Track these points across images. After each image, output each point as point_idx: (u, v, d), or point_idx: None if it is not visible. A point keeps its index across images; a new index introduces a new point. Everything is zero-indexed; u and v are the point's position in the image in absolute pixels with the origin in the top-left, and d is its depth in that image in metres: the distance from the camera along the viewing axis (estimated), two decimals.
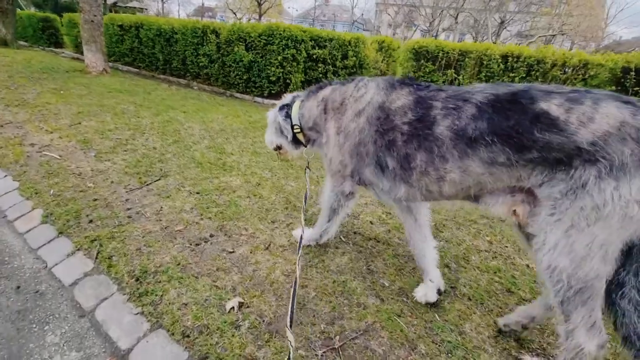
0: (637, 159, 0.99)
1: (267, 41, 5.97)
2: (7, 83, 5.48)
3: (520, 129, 1.12)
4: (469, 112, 1.22)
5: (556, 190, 1.12)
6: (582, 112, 1.06)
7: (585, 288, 1.10)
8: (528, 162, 1.15)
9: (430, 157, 1.31)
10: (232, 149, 3.45)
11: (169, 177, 2.75)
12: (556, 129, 1.08)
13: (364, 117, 1.52)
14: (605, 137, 1.03)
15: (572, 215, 1.07)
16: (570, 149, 1.07)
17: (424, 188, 1.40)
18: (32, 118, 3.93)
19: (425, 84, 1.48)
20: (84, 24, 6.67)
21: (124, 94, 5.57)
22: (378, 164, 1.52)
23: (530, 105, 1.12)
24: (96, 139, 3.44)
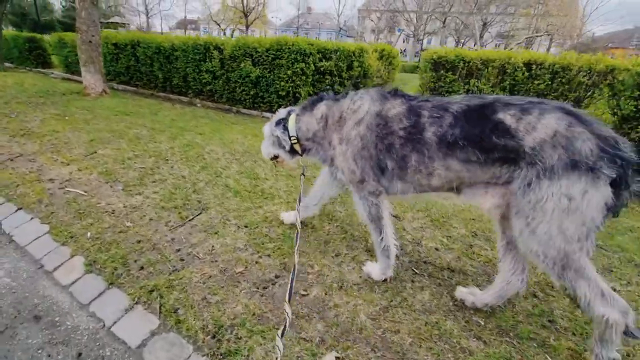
0: (563, 163, 1.22)
1: (276, 56, 5.86)
2: (5, 110, 5.21)
3: (484, 135, 1.36)
4: (448, 120, 1.47)
5: (515, 187, 1.35)
6: (529, 122, 1.29)
7: (566, 264, 1.28)
8: (494, 161, 1.38)
9: (422, 158, 1.55)
10: (265, 173, 3.30)
11: (209, 209, 2.58)
12: (509, 135, 1.31)
13: (364, 124, 1.71)
14: (542, 144, 1.26)
15: (525, 208, 1.31)
16: (520, 152, 1.30)
17: (417, 183, 1.65)
18: (43, 149, 3.70)
19: (413, 94, 1.73)
20: (82, 44, 6.44)
21: (131, 116, 5.36)
22: (379, 166, 1.72)
23: (491, 115, 1.37)
24: (118, 169, 3.24)
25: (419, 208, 2.79)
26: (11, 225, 2.43)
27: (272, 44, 5.87)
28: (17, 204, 2.62)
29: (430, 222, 2.59)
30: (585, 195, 1.20)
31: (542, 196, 1.25)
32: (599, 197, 1.21)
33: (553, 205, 1.24)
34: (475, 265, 2.08)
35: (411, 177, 1.64)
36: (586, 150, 1.21)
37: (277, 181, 3.14)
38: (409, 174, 1.63)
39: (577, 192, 1.21)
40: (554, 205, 1.24)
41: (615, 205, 1.24)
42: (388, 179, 1.72)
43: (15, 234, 2.34)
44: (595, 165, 1.20)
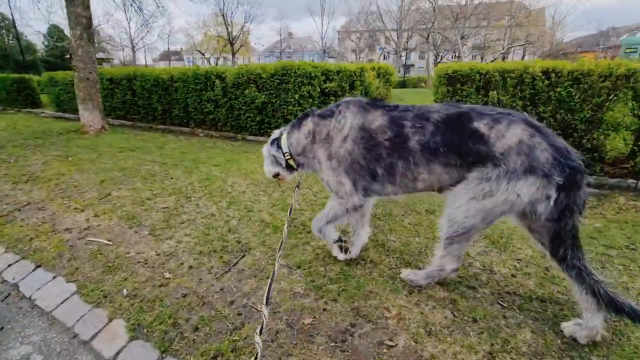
0: (523, 167, 1.42)
1: (282, 80, 5.78)
2: (2, 156, 4.93)
3: (462, 141, 1.53)
4: (430, 129, 1.63)
5: (472, 176, 1.55)
6: (499, 130, 1.48)
7: (465, 234, 1.62)
8: (468, 164, 1.56)
9: (408, 164, 1.71)
10: (299, 204, 3.10)
11: (252, 250, 2.36)
12: (482, 141, 1.49)
13: (350, 140, 1.84)
14: (509, 150, 1.45)
15: (475, 192, 1.53)
16: (490, 155, 1.49)
17: (405, 185, 1.81)
18: (52, 195, 3.44)
19: (393, 104, 1.84)
20: (79, 82, 6.27)
21: (137, 152, 5.14)
22: (370, 174, 1.85)
23: (468, 124, 1.53)
24: (139, 212, 3.00)
25: None
26: (31, 286, 2.15)
27: (277, 69, 5.80)
28: (34, 261, 2.35)
29: (491, 244, 2.41)
30: (532, 195, 1.44)
31: (497, 188, 1.47)
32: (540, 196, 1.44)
33: (501, 195, 1.47)
34: (563, 292, 1.89)
35: (400, 181, 1.80)
36: (543, 158, 1.41)
37: (314, 211, 2.94)
38: (398, 179, 1.79)
39: (526, 192, 1.44)
40: (502, 196, 1.47)
41: (574, 204, 1.46)
42: (380, 183, 1.87)
43: (38, 297, 2.06)
44: (549, 172, 1.40)
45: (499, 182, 1.46)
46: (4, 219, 2.96)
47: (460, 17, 26.05)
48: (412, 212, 2.93)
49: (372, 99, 1.92)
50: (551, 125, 3.96)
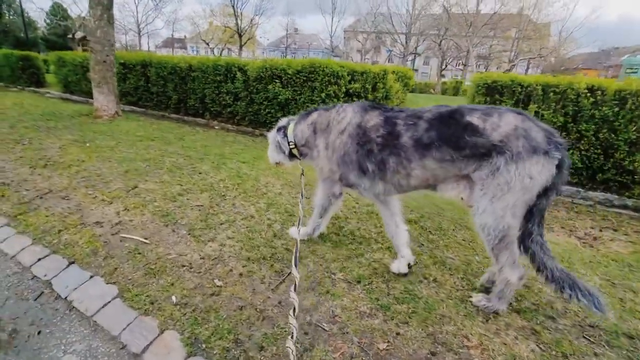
0: (526, 149, 1.49)
1: (308, 78, 5.61)
2: (14, 136, 4.70)
3: (457, 134, 1.59)
4: (423, 126, 1.69)
5: (483, 174, 1.59)
6: (493, 121, 1.56)
7: (505, 236, 1.59)
8: (464, 157, 1.61)
9: (399, 160, 1.76)
10: (343, 212, 2.95)
11: (304, 259, 2.21)
12: (478, 133, 1.56)
13: (346, 133, 1.95)
14: (508, 136, 1.52)
15: (493, 189, 1.55)
16: (488, 145, 1.55)
17: (397, 183, 1.86)
18: (74, 183, 3.25)
19: (389, 106, 1.95)
20: (96, 64, 6.03)
21: (156, 141, 4.94)
22: (360, 169, 1.94)
23: (461, 118, 1.60)
24: (172, 208, 2.83)
25: None
26: (66, 285, 1.98)
27: (304, 66, 5.63)
28: (66, 256, 2.18)
29: None
30: (541, 174, 1.51)
31: (510, 177, 1.51)
32: (547, 176, 1.52)
33: (516, 183, 1.51)
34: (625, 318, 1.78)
35: (391, 178, 1.85)
36: (539, 137, 1.51)
37: (360, 221, 2.79)
38: (389, 175, 1.84)
39: (535, 172, 1.50)
40: (517, 184, 1.51)
41: (558, 183, 1.56)
42: (370, 179, 1.93)
43: (76, 299, 1.89)
44: (548, 149, 1.49)
45: (508, 168, 1.51)
46: (26, 207, 2.77)
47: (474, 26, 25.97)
48: (462, 227, 2.81)
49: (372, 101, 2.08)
50: (592, 144, 3.86)
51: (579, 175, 4.05)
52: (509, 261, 1.66)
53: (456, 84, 23.65)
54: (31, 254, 2.24)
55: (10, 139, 4.58)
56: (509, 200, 1.54)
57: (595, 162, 3.90)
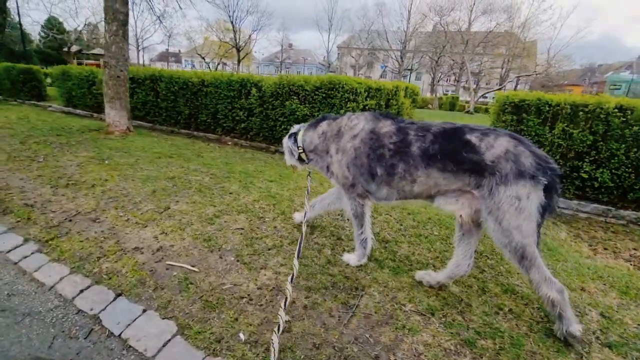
0: (513, 173, 1.59)
1: (328, 94, 5.59)
2: (27, 153, 4.53)
3: (456, 149, 1.72)
4: (429, 138, 1.83)
5: (484, 192, 1.68)
6: (488, 141, 1.67)
7: (524, 253, 1.64)
8: (465, 171, 1.72)
9: (407, 167, 1.88)
10: (390, 235, 2.84)
11: (367, 288, 2.09)
12: (474, 151, 1.67)
13: (359, 138, 2.07)
14: (499, 157, 1.62)
15: (492, 210, 1.65)
16: (483, 164, 1.65)
17: (401, 189, 1.97)
18: (102, 204, 3.09)
19: (400, 117, 2.09)
20: (109, 80, 5.92)
21: (175, 158, 4.81)
22: (370, 173, 2.05)
23: (461, 136, 1.74)
24: (212, 231, 2.69)
25: (594, 275, 2.42)
26: (118, 321, 1.82)
27: (322, 83, 5.61)
28: (111, 287, 2.03)
29: (620, 294, 2.21)
30: (529, 197, 1.60)
31: (501, 198, 1.62)
32: (537, 199, 1.61)
33: (508, 204, 1.61)
34: None
35: (397, 184, 1.96)
36: (528, 163, 1.61)
37: (411, 244, 2.69)
38: (395, 180, 1.96)
39: (523, 194, 1.60)
40: (509, 205, 1.61)
41: (550, 205, 1.65)
42: (377, 183, 2.05)
43: (131, 337, 1.74)
44: (535, 174, 1.59)
45: (499, 189, 1.62)
46: (56, 230, 2.61)
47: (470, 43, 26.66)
48: None
49: (384, 111, 2.22)
50: (623, 163, 3.87)
51: (609, 194, 4.04)
52: (542, 277, 1.68)
53: (452, 100, 24.10)
54: (72, 285, 2.08)
55: (24, 155, 4.40)
56: (509, 220, 1.63)
57: (626, 180, 3.90)
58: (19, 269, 2.23)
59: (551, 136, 4.13)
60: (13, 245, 2.47)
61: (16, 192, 3.26)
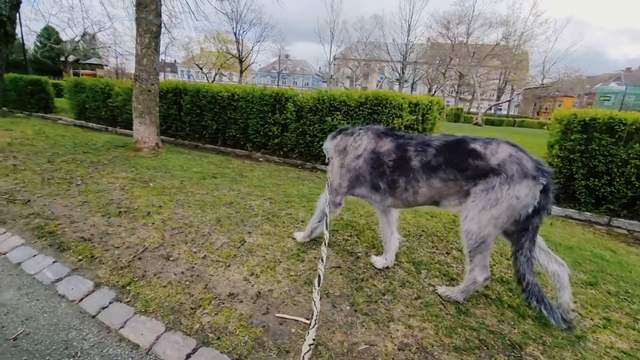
0: (518, 174, 1.78)
1: (373, 110, 5.35)
2: (59, 174, 4.17)
3: (462, 158, 1.91)
4: (431, 152, 2.00)
5: (478, 189, 1.88)
6: (492, 149, 1.87)
7: (483, 242, 1.90)
8: (466, 177, 1.92)
9: (409, 180, 2.07)
10: (506, 271, 2.55)
11: (525, 346, 1.78)
12: (480, 157, 1.87)
13: (362, 159, 2.27)
14: (504, 161, 1.82)
15: (483, 202, 1.85)
16: (488, 168, 1.85)
17: (405, 199, 2.15)
18: (167, 237, 2.76)
19: (400, 133, 2.26)
20: (140, 94, 5.61)
21: (220, 179, 4.48)
22: (373, 186, 2.25)
23: (465, 146, 1.93)
24: (307, 271, 2.38)
25: None
26: None
27: (368, 98, 5.37)
28: (226, 352, 1.69)
29: None
30: (527, 197, 1.76)
31: (501, 195, 1.78)
32: (531, 199, 1.77)
33: (505, 201, 1.78)
34: None
35: (400, 195, 2.14)
36: (529, 165, 1.78)
37: None
38: (398, 193, 2.14)
39: (522, 193, 1.76)
40: (506, 201, 1.78)
41: (547, 205, 1.81)
42: (381, 195, 2.24)
43: None
44: (536, 175, 1.76)
45: (502, 187, 1.78)
46: (129, 272, 2.27)
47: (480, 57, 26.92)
48: None
49: (387, 129, 2.33)
50: None
51: None
52: (480, 264, 1.94)
53: (457, 111, 24.18)
54: (174, 347, 1.74)
55: (59, 177, 4.04)
56: (495, 213, 1.81)
57: None
58: (100, 325, 1.88)
59: (626, 156, 3.92)
60: (84, 292, 2.12)
61: (66, 223, 2.91)
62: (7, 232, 2.78)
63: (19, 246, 2.61)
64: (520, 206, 1.77)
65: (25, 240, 2.66)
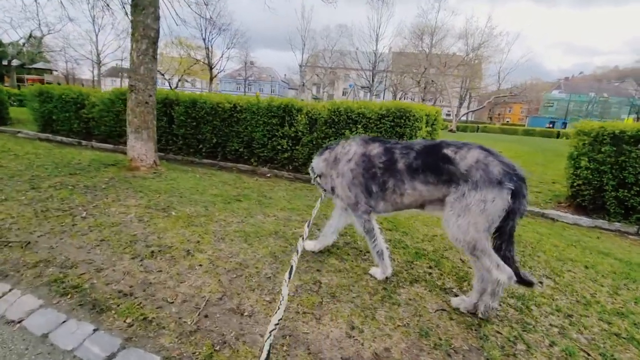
0: (482, 179, 1.83)
1: (396, 123, 5.14)
2: (53, 203, 3.50)
3: (435, 163, 2.00)
4: (412, 155, 2.10)
5: (452, 198, 1.95)
6: (462, 154, 1.93)
7: (476, 245, 1.91)
8: (443, 182, 1.99)
9: (396, 181, 2.17)
10: None
11: None
12: (450, 162, 1.94)
13: (353, 161, 2.35)
14: (470, 167, 1.88)
15: (458, 209, 1.92)
16: (458, 173, 1.91)
17: (394, 201, 2.24)
18: (225, 282, 2.30)
19: (386, 139, 2.38)
20: (136, 106, 4.96)
21: (245, 202, 4.01)
22: (367, 190, 2.32)
23: (439, 150, 2.01)
24: (411, 317, 2.05)
25: None
26: None
27: (389, 110, 5.16)
28: None
29: None
30: (494, 201, 1.82)
31: (471, 201, 1.85)
32: (501, 203, 1.82)
33: (476, 206, 1.85)
34: None
35: (389, 197, 2.24)
36: (495, 170, 1.83)
37: None
38: (388, 195, 2.23)
39: (489, 198, 1.82)
40: (476, 207, 1.84)
41: (519, 209, 1.87)
42: (374, 199, 2.32)
43: None
44: (502, 180, 1.81)
45: (470, 194, 1.86)
46: (204, 338, 1.80)
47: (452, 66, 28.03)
48: None
49: (372, 136, 2.47)
50: None
51: None
52: (494, 263, 1.92)
53: None
54: None
55: (54, 208, 3.36)
56: (470, 218, 1.88)
57: None
58: None
59: None
60: None
61: (90, 272, 2.34)
62: (13, 289, 2.17)
63: (37, 309, 2.02)
64: (492, 210, 1.83)
65: (44, 300, 2.07)
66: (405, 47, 31.93)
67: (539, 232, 3.64)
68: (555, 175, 6.67)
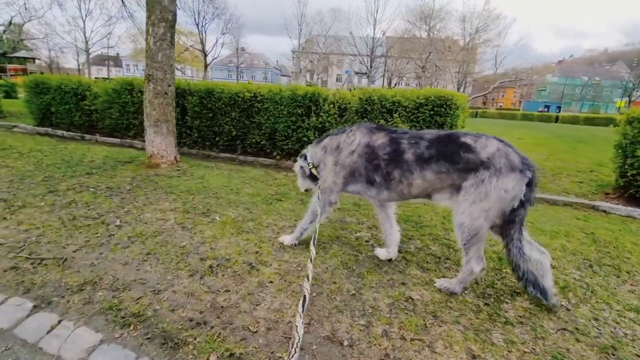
0: (506, 167, 1.87)
1: (436, 112, 4.81)
2: (79, 209, 3.14)
3: (453, 151, 2.00)
4: (424, 144, 2.09)
5: (469, 183, 1.96)
6: (482, 143, 1.96)
7: (476, 235, 1.96)
8: (457, 170, 1.99)
9: (403, 172, 2.14)
10: None
11: None
12: (470, 151, 1.95)
13: (356, 153, 2.32)
14: (493, 155, 1.91)
15: (474, 195, 1.92)
16: (477, 161, 1.93)
17: (400, 191, 2.22)
18: (321, 309, 2.00)
19: (392, 128, 2.35)
20: (154, 98, 4.53)
21: (286, 201, 3.68)
22: (368, 180, 2.31)
23: (457, 139, 2.02)
24: (538, 342, 1.79)
25: None
26: None
27: (428, 99, 4.82)
28: None
29: None
30: (514, 188, 1.86)
31: (491, 188, 1.88)
32: (519, 190, 1.87)
33: (495, 193, 1.87)
34: None
35: (395, 188, 2.19)
36: (516, 159, 1.89)
37: None
38: (393, 185, 2.18)
39: (510, 186, 1.86)
40: (495, 194, 1.87)
41: (531, 197, 1.91)
42: (377, 189, 2.27)
43: None
44: (523, 169, 1.87)
45: (491, 180, 1.86)
46: None
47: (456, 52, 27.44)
48: None
49: (379, 125, 2.45)
50: None
51: None
52: (476, 255, 2.00)
53: None
54: None
55: (81, 215, 2.99)
56: (485, 206, 1.88)
57: None
58: None
59: None
60: None
61: (147, 294, 2.02)
62: (63, 320, 1.84)
63: (98, 345, 1.70)
64: (508, 198, 1.86)
65: (103, 334, 1.75)
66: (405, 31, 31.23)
67: (609, 229, 3.41)
68: (590, 164, 6.44)
